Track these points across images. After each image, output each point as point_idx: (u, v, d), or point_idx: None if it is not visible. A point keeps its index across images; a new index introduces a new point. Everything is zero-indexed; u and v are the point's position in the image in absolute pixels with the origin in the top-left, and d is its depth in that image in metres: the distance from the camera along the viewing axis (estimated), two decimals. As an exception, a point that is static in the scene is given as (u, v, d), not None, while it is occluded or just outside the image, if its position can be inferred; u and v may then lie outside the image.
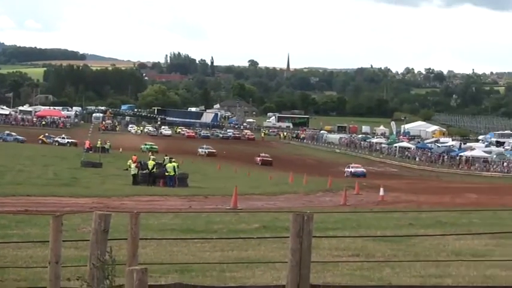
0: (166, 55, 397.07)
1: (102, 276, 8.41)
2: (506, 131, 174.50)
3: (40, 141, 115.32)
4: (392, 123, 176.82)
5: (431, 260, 13.65)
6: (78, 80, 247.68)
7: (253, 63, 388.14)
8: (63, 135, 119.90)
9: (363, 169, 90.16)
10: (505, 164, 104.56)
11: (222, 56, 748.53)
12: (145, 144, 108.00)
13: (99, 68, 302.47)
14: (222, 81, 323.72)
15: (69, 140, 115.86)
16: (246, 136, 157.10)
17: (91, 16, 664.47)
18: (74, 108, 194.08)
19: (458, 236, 17.03)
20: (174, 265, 12.38)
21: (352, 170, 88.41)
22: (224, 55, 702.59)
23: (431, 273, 12.32)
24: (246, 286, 10.09)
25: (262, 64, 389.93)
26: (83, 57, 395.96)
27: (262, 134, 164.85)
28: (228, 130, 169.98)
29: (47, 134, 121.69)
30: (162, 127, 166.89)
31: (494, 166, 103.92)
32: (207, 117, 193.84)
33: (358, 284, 10.73)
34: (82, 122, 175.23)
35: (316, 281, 10.25)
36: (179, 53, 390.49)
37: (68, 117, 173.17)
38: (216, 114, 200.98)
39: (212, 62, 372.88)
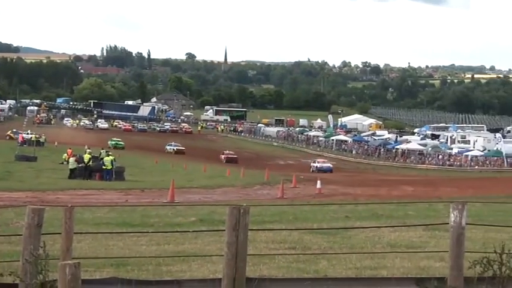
0: (103, 48, 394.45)
1: (35, 271, 8.28)
2: (441, 124, 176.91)
3: (7, 137, 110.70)
4: (330, 117, 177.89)
5: (367, 252, 13.73)
6: (12, 73, 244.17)
7: (190, 56, 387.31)
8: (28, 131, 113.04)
9: (329, 164, 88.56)
10: (440, 156, 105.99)
11: (159, 49, 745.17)
12: (112, 140, 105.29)
13: (33, 61, 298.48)
14: (159, 75, 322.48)
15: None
16: (184, 129, 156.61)
17: (25, 8, 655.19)
18: (7, 101, 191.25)
19: (394, 228, 17.17)
20: (109, 259, 12.24)
21: (318, 165, 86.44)
22: (161, 48, 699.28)
23: (367, 264, 12.40)
24: (182, 280, 10.01)
25: (199, 57, 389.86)
26: (16, 49, 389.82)
27: (199, 128, 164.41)
28: (166, 123, 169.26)
29: (14, 130, 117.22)
30: (99, 120, 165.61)
31: (430, 159, 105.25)
32: (144, 110, 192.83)
33: (294, 277, 10.74)
34: (16, 115, 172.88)
35: (252, 274, 10.23)
36: (115, 45, 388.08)
37: (2, 110, 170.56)
38: (153, 108, 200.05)
39: (149, 55, 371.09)
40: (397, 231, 17.00)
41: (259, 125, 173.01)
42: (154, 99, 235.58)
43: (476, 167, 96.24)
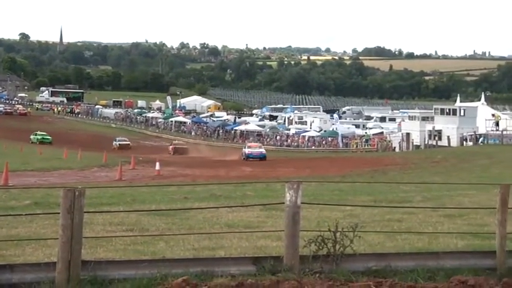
0: None
1: None
2: (278, 105, 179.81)
3: None
4: (168, 98, 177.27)
5: (205, 232, 13.80)
6: None
7: (24, 36, 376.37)
8: None
9: (262, 150, 75.99)
10: (277, 137, 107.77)
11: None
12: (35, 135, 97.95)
13: None
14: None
15: None
16: (18, 111, 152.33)
17: None
18: None
19: (232, 209, 17.35)
20: None
21: (249, 150, 74.17)
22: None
23: (205, 245, 12.46)
24: (15, 264, 9.74)
25: (34, 37, 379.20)
26: None
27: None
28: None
29: None
30: None
31: (268, 139, 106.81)
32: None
33: (131, 259, 10.64)
34: None
35: (89, 257, 10.11)
36: None
37: None
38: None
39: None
40: (235, 212, 17.18)
41: (96, 106, 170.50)
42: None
43: (313, 147, 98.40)
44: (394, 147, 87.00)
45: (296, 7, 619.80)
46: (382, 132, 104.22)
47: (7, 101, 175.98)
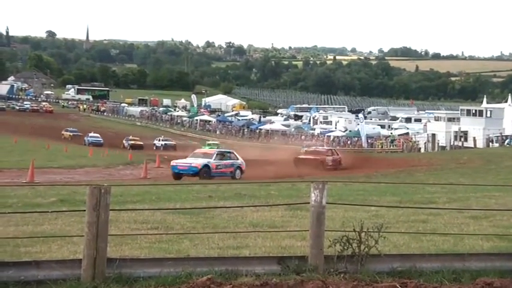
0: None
1: None
2: (304, 105, 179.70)
3: None
4: (193, 97, 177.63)
5: (230, 231, 13.79)
6: None
7: (51, 34, 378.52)
8: None
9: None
10: (302, 137, 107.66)
11: (18, 26, 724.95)
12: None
13: None
14: (18, 52, 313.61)
15: None
16: (44, 109, 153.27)
17: None
18: None
19: (256, 208, 17.32)
20: (-36, 241, 11.87)
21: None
22: (20, 25, 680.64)
23: (229, 244, 12.45)
24: (41, 260, 9.79)
25: (60, 35, 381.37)
26: None
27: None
28: (25, 102, 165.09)
29: None
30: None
31: (293, 139, 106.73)
32: (2, 89, 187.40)
33: (156, 257, 10.66)
34: None
35: (114, 255, 10.13)
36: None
37: None
38: (12, 86, 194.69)
39: (7, 32, 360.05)
40: (259, 211, 17.15)
41: (122, 104, 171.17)
42: (12, 78, 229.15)
43: (338, 147, 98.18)
44: (420, 148, 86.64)
45: (322, 7, 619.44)
46: (407, 133, 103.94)
47: (33, 98, 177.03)
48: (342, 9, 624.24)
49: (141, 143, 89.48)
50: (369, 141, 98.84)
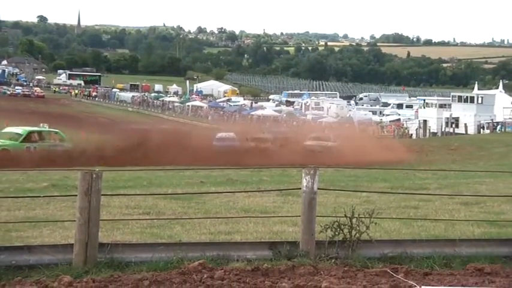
0: None
1: None
2: (295, 91, 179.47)
3: None
4: (188, 83, 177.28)
5: (221, 217, 13.82)
6: None
7: (42, 18, 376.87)
8: None
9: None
10: (294, 123, 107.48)
11: (8, 11, 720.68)
12: None
13: None
14: (9, 37, 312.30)
15: None
16: (36, 94, 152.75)
17: None
18: None
19: (248, 194, 17.35)
20: (-44, 226, 11.87)
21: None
22: (11, 10, 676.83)
23: (221, 229, 12.48)
24: (32, 245, 9.81)
25: (51, 20, 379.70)
26: None
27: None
28: (17, 87, 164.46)
29: None
30: None
31: (285, 125, 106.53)
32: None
33: (148, 242, 10.69)
34: None
35: (105, 239, 10.15)
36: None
37: None
38: (4, 71, 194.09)
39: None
40: (251, 197, 17.18)
41: (113, 90, 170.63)
42: (4, 62, 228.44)
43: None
44: (411, 134, 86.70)
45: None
46: (399, 119, 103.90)
47: (25, 83, 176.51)
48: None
49: None
50: (360, 127, 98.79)
